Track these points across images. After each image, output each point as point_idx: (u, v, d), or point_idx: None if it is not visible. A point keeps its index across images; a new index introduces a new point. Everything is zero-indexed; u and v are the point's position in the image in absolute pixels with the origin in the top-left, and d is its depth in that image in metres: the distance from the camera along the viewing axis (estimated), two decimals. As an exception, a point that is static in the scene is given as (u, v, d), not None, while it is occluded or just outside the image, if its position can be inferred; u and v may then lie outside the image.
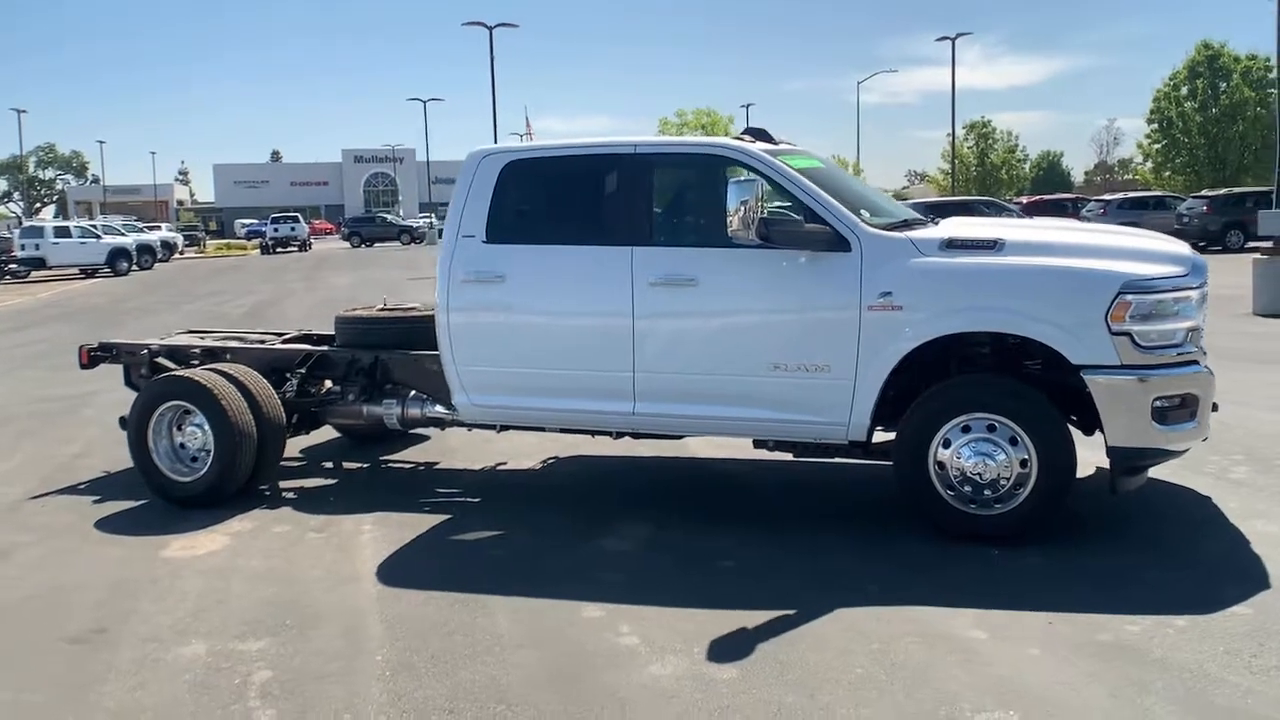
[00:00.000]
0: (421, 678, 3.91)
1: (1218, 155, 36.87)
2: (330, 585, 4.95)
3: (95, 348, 7.45)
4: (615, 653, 4.07)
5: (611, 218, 5.73)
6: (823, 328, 5.23)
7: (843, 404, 5.25)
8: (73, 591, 4.97)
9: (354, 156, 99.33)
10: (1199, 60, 37.79)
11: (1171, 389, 4.86)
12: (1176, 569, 4.73)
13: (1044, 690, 3.61)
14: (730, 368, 5.43)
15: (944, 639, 4.05)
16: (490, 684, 3.84)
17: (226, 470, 6.25)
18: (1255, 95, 36.42)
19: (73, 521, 6.13)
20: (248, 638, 4.35)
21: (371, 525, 5.86)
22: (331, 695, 3.80)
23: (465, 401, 6.04)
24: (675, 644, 4.11)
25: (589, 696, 3.71)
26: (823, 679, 3.76)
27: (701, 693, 3.69)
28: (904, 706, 3.54)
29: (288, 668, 4.05)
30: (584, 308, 5.71)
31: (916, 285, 5.07)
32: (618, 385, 5.63)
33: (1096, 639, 4.00)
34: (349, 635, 4.35)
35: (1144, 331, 4.82)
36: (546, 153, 6.06)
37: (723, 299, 5.44)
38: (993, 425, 5.00)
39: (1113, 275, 4.85)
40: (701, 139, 5.84)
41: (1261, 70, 37.03)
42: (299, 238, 53.23)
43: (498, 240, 5.86)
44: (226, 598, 4.82)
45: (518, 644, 4.18)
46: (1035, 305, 4.91)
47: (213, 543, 5.66)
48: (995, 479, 4.98)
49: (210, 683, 3.94)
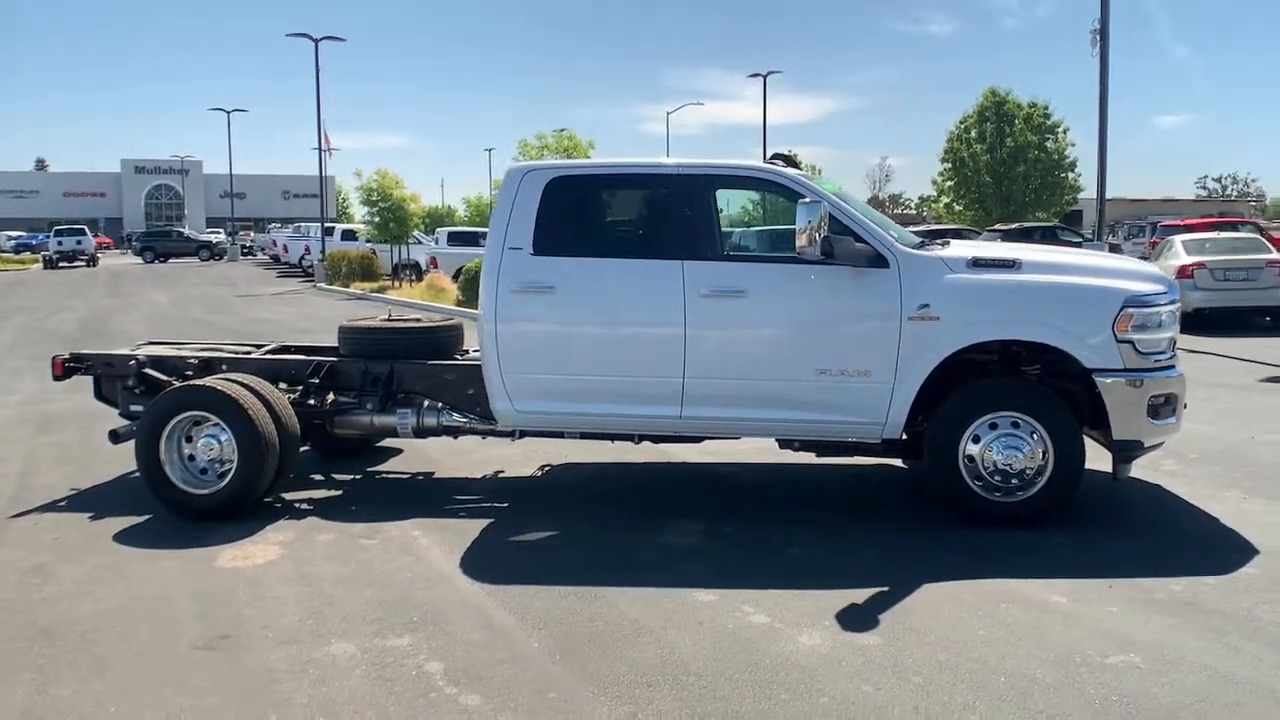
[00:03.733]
0: (595, 659, 4.15)
1: (1003, 192, 40.62)
2: (425, 585, 5.06)
3: (68, 358, 7.10)
4: (757, 629, 4.44)
5: (660, 233, 6.10)
6: (866, 336, 5.79)
7: (881, 406, 5.82)
8: (156, 604, 4.85)
9: (135, 167, 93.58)
10: (987, 105, 41.66)
11: (1161, 389, 5.71)
12: (1176, 542, 5.57)
13: (1144, 637, 4.26)
14: (777, 373, 5.89)
15: (1033, 604, 4.66)
16: (665, 660, 4.13)
17: (252, 482, 6.17)
18: (1036, 139, 40.55)
19: (86, 539, 5.88)
20: (387, 635, 4.44)
21: (419, 531, 5.94)
22: (516, 678, 3.99)
23: (508, 408, 6.22)
24: (803, 620, 4.52)
25: (765, 664, 4.07)
26: (959, 639, 4.27)
27: (862, 658, 4.13)
28: (1042, 656, 4.09)
29: (453, 658, 4.19)
30: (636, 317, 6.04)
31: (952, 298, 5.71)
32: (666, 390, 5.99)
33: (1155, 597, 4.71)
34: (488, 627, 4.51)
35: (1141, 340, 5.64)
36: (588, 170, 6.36)
37: (771, 310, 5.92)
38: (1016, 422, 5.70)
39: (1117, 291, 5.66)
40: (745, 162, 6.27)
41: (1041, 117, 41.24)
42: (87, 252, 49.60)
43: (545, 252, 6.10)
44: (331, 601, 4.85)
45: (660, 626, 4.48)
46: (1056, 316, 5.66)
47: (264, 553, 5.60)
48: (1022, 470, 5.67)
49: (388, 676, 4.03)
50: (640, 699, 3.80)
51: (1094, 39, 16.51)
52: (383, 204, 28.75)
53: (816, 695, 3.80)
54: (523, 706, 3.76)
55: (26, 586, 5.13)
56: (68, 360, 7.10)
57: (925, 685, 3.86)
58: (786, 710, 3.69)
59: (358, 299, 27.45)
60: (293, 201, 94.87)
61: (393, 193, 28.74)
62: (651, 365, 5.99)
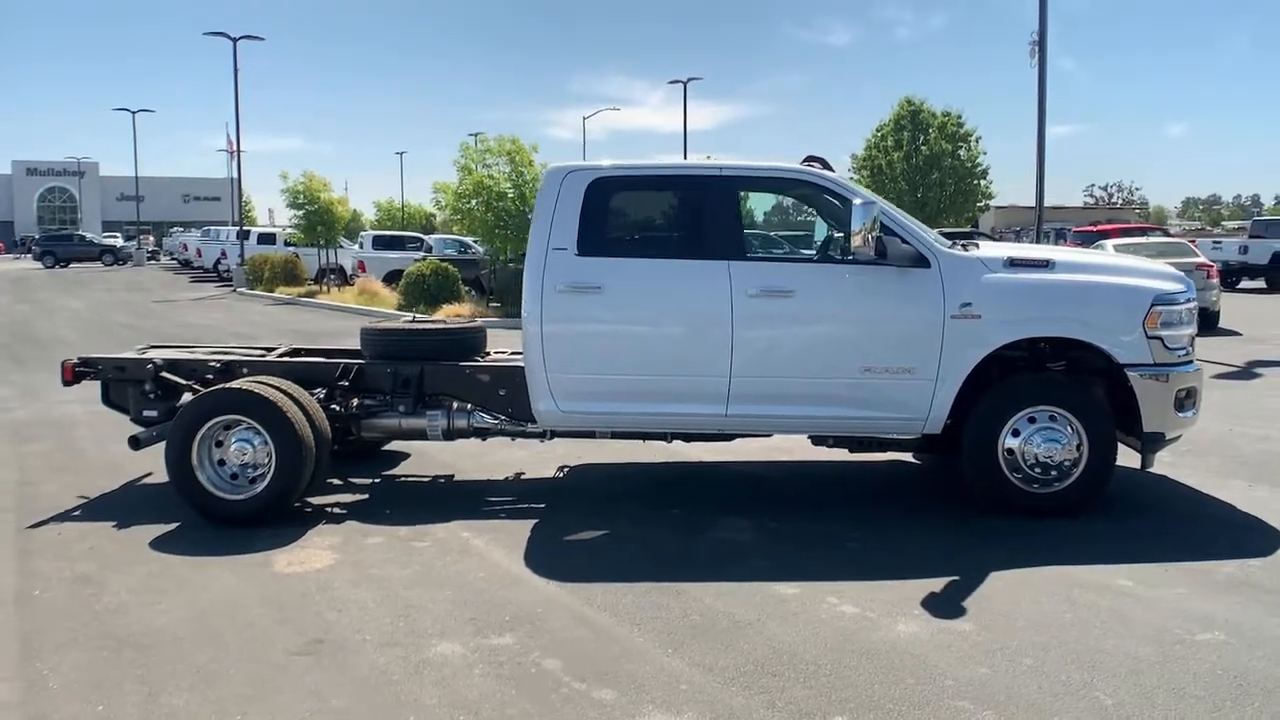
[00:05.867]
0: (707, 652, 4.19)
1: (919, 199, 41.76)
2: (502, 585, 5.04)
3: (77, 363, 6.84)
4: (851, 620, 4.54)
5: (706, 233, 6.17)
6: (910, 335, 5.96)
7: (923, 402, 6.00)
8: (231, 611, 4.73)
9: (27, 169, 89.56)
10: (903, 114, 42.82)
11: (1184, 383, 6.02)
12: (1208, 528, 5.87)
13: (1221, 616, 4.49)
14: (823, 371, 6.02)
15: (1104, 588, 4.87)
16: (776, 650, 4.20)
17: (290, 487, 6.05)
18: (950, 147, 41.83)
19: (123, 548, 5.70)
20: (488, 634, 4.41)
21: (468, 533, 5.90)
22: (639, 672, 4.01)
23: (551, 408, 6.22)
24: (891, 610, 4.64)
25: (877, 651, 4.18)
26: (1048, 623, 4.45)
27: (966, 643, 4.26)
28: (1135, 636, 4.29)
29: (567, 655, 4.18)
30: (684, 317, 6.10)
31: (993, 297, 5.92)
32: (713, 389, 6.06)
33: (1214, 579, 4.97)
34: (586, 624, 4.52)
35: (1169, 336, 5.94)
36: (631, 172, 6.38)
37: (818, 309, 6.04)
38: (1054, 416, 5.93)
39: (1147, 290, 5.95)
40: (785, 165, 6.39)
41: (954, 126, 42.54)
42: (-20, 256, 47.37)
43: (590, 253, 6.12)
44: (412, 603, 4.80)
45: (756, 619, 4.55)
46: (1092, 314, 5.92)
47: (318, 558, 5.50)
48: (1061, 461, 5.90)
49: (509, 674, 4.02)
50: (771, 688, 3.87)
51: (1032, 49, 17.16)
52: (310, 207, 28.13)
53: (940, 679, 3.92)
54: (660, 699, 3.79)
55: (82, 597, 4.94)
56: (78, 365, 6.83)
57: (1038, 667, 4.02)
58: (916, 694, 3.80)
59: (287, 304, 26.84)
60: (194, 205, 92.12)
61: (321, 195, 28.16)
62: (699, 364, 6.06)
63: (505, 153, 20.85)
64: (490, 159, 21.04)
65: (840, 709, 3.69)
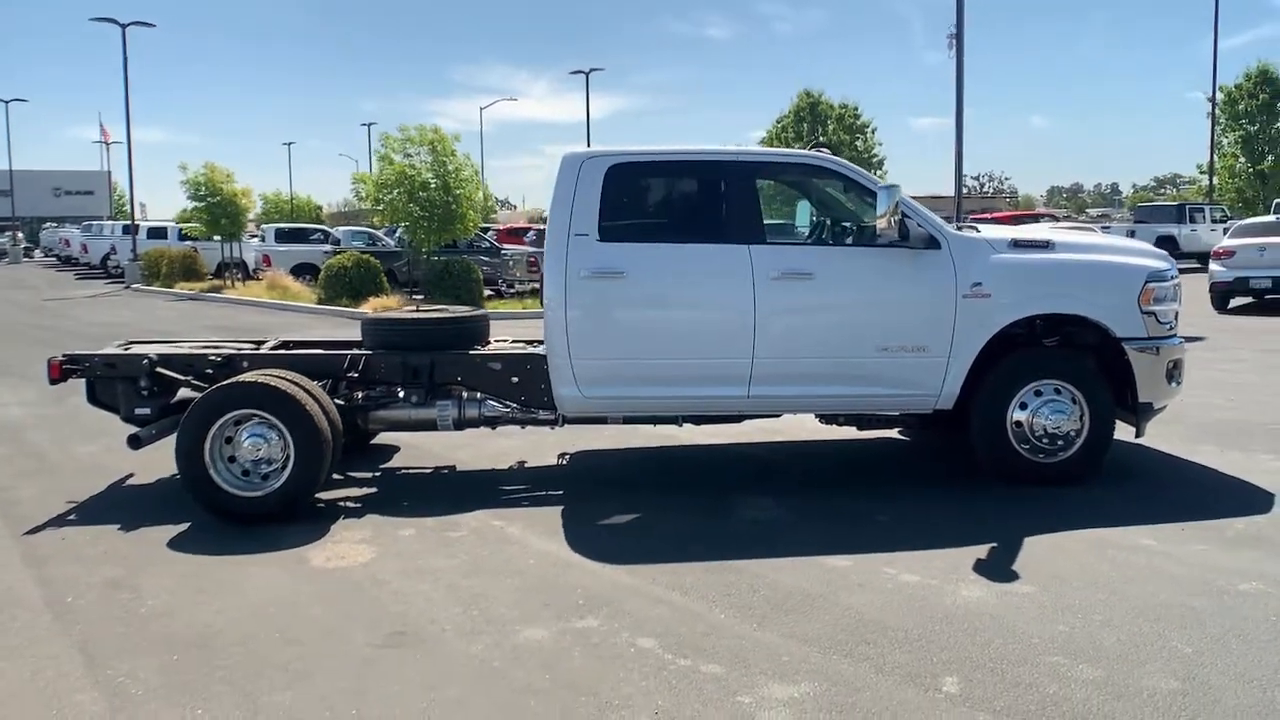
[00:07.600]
0: (793, 624, 4.29)
1: (820, 189, 42.66)
2: (559, 571, 5.04)
3: (63, 360, 6.53)
4: (918, 587, 4.69)
5: (725, 218, 6.25)
6: (924, 314, 6.16)
7: (936, 379, 6.21)
8: (287, 608, 4.60)
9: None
10: (803, 106, 43.66)
11: (1173, 355, 6.38)
12: (1202, 490, 6.25)
13: (1249, 568, 4.81)
14: (842, 351, 6.18)
15: (1133, 548, 5.14)
16: (860, 620, 4.32)
17: (308, 483, 5.92)
18: (848, 139, 42.83)
19: (140, 550, 5.49)
20: (569, 618, 4.41)
21: (499, 521, 5.87)
22: (736, 646, 4.08)
23: (574, 394, 6.21)
24: (949, 577, 4.81)
25: (952, 615, 4.33)
26: (1100, 582, 4.68)
27: (1033, 604, 4.46)
28: (1183, 589, 4.56)
29: (658, 634, 4.22)
30: (708, 301, 6.18)
31: (1001, 276, 6.16)
32: (735, 371, 6.16)
33: (1227, 536, 5.30)
34: (663, 604, 4.56)
35: (1160, 311, 6.28)
36: (648, 157, 6.41)
37: (837, 291, 6.19)
38: (1059, 389, 6.22)
39: (1140, 268, 6.28)
40: (800, 151, 6.52)
41: (852, 117, 43.60)
42: None
43: (612, 239, 6.14)
44: (480, 592, 4.76)
45: (827, 591, 4.66)
46: (1093, 292, 6.22)
47: (356, 552, 5.40)
48: (1067, 432, 6.19)
49: (609, 654, 4.03)
50: (871, 655, 3.98)
51: (950, 42, 17.78)
52: (212, 199, 27.12)
53: (1026, 637, 4.09)
54: (769, 670, 3.86)
55: (121, 601, 4.74)
56: (64, 361, 6.52)
57: (1109, 621, 4.24)
58: (1011, 653, 3.96)
59: (191, 299, 25.91)
60: (65, 199, 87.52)
61: (224, 187, 27.16)
62: (722, 347, 6.14)
63: (427, 142, 20.48)
64: (412, 148, 20.62)
65: (947, 670, 3.83)
